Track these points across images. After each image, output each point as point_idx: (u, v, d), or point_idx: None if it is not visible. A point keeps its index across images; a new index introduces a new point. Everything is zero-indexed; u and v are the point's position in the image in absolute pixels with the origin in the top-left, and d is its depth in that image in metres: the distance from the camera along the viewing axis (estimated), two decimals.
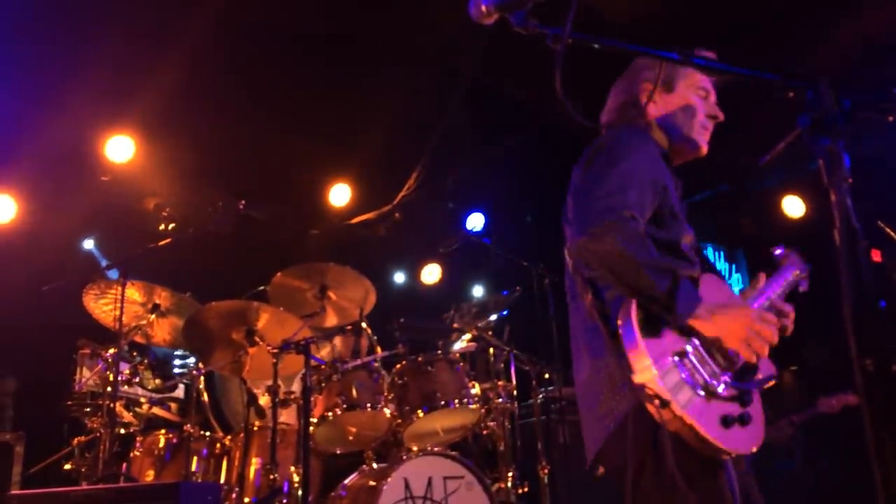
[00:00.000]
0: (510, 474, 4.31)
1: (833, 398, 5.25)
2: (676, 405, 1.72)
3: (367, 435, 4.18)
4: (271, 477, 3.66)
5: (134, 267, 4.19)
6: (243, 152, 5.86)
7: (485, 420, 4.39)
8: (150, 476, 4.01)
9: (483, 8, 1.46)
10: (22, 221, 5.44)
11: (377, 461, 4.00)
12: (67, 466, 3.97)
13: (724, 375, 1.85)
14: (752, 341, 1.81)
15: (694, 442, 1.76)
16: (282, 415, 3.90)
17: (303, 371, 3.79)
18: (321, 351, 4.72)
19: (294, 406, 4.02)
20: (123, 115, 5.47)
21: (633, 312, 1.81)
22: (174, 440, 4.08)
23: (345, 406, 3.98)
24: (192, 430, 4.02)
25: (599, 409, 1.94)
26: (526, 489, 4.37)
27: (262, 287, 4.45)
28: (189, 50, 4.95)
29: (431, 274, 7.30)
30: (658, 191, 1.99)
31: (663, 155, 2.16)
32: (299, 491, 3.62)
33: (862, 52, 4.99)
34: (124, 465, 4.07)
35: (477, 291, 7.32)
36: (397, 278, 7.45)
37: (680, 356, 1.80)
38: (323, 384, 4.09)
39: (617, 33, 1.60)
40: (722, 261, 7.48)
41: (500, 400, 4.45)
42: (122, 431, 4.13)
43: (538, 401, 4.93)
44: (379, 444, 4.18)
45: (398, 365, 4.26)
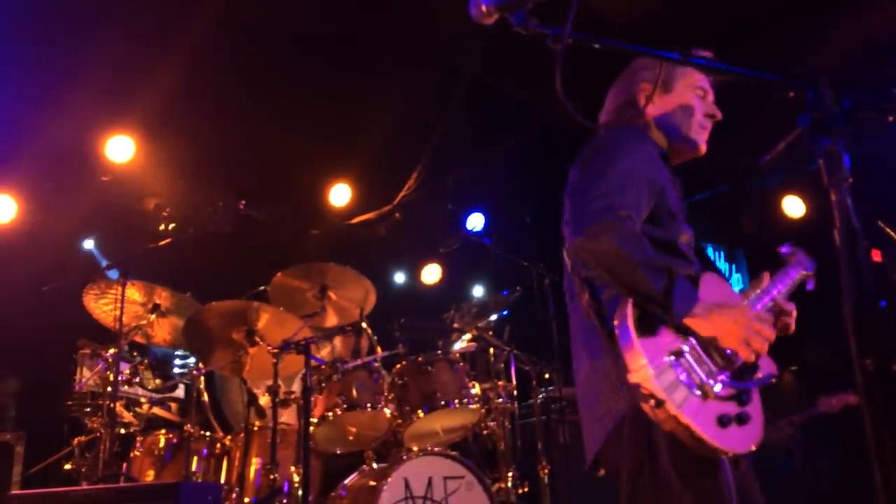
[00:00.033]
0: (510, 474, 4.32)
1: (833, 398, 5.24)
2: (671, 405, 1.72)
3: (368, 435, 4.18)
4: (271, 477, 3.66)
5: (134, 267, 4.19)
6: (243, 152, 5.86)
7: (485, 420, 4.39)
8: (150, 476, 4.01)
9: (483, 8, 1.46)
10: (22, 221, 5.43)
11: (377, 461, 4.00)
12: (67, 466, 3.97)
13: (721, 375, 1.83)
14: (751, 340, 1.81)
15: (689, 442, 1.76)
16: (282, 415, 3.90)
17: (303, 371, 3.79)
18: (321, 351, 4.72)
19: (294, 406, 4.02)
20: (123, 115, 5.47)
21: (629, 312, 1.80)
22: (174, 440, 4.08)
23: (345, 406, 3.98)
24: (192, 430, 4.02)
25: (599, 408, 1.94)
26: (526, 489, 4.37)
27: (262, 287, 4.45)
28: (189, 50, 4.95)
29: (431, 274, 7.30)
30: (655, 191, 1.99)
31: (662, 155, 2.15)
32: (299, 491, 3.62)
33: (862, 52, 4.99)
34: (124, 465, 4.07)
35: (477, 291, 7.31)
36: (397, 278, 7.45)
37: (676, 355, 1.79)
38: (323, 384, 4.09)
39: (617, 33, 1.60)
40: (722, 261, 7.47)
41: (501, 400, 4.45)
42: (123, 431, 4.13)
43: (538, 401, 4.93)
44: (379, 444, 4.18)
45: (398, 365, 4.26)
